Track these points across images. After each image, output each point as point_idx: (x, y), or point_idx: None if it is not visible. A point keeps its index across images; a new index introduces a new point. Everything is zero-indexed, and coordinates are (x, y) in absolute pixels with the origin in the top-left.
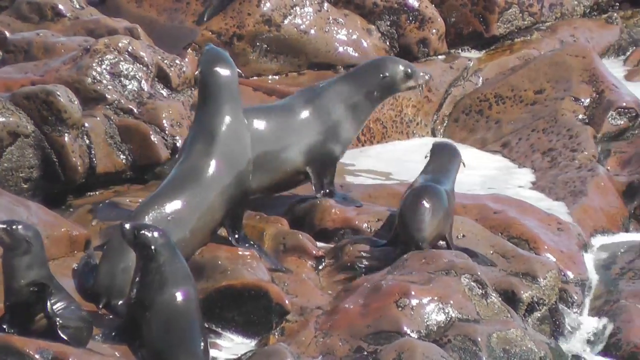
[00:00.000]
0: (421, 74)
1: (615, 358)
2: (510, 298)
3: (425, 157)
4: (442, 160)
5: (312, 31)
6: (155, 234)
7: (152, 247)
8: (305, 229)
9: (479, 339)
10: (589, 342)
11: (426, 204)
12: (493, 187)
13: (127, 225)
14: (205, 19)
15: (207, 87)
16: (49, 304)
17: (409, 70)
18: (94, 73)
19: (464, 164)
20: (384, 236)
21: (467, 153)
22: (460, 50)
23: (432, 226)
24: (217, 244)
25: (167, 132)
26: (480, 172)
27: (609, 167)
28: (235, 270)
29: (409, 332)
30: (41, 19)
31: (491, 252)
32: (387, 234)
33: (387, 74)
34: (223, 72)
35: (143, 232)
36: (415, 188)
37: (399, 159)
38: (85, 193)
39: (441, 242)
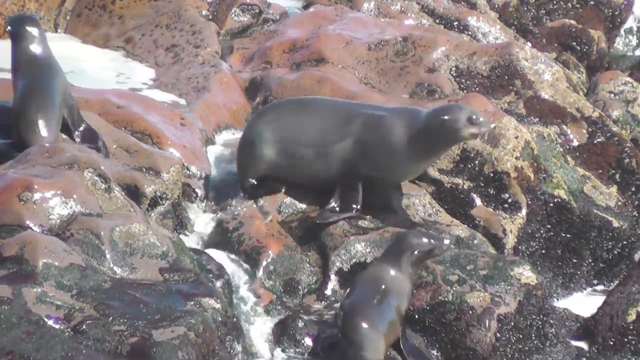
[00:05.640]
0: (485, 121)
1: (236, 253)
2: (133, 192)
3: None
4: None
5: None
6: None
7: None
8: None
9: (102, 233)
10: (210, 236)
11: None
12: (117, 83)
13: None
14: None
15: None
16: None
17: (473, 117)
18: None
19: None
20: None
21: (89, 50)
22: None
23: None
24: None
25: None
26: (103, 67)
27: (231, 64)
28: None
29: (31, 225)
30: None
31: (115, 146)
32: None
33: (447, 117)
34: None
35: None
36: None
37: None
38: None
39: None
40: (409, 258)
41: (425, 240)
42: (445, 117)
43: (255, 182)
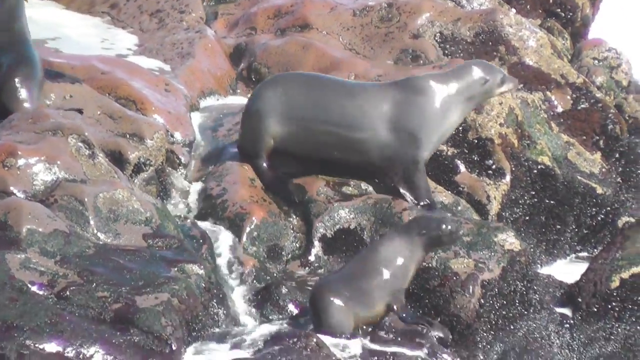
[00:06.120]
0: (507, 77)
1: (220, 219)
2: (117, 159)
3: None
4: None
5: None
6: None
7: None
8: None
9: (86, 199)
10: (193, 202)
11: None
12: (102, 49)
13: None
14: None
15: None
16: None
17: (502, 76)
18: None
19: None
20: None
21: (71, 16)
22: None
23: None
24: None
25: None
26: (87, 33)
27: (216, 30)
28: None
29: (15, 191)
30: None
31: (99, 112)
32: None
33: (488, 79)
34: None
35: None
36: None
37: None
38: None
39: None
40: (417, 238)
41: (434, 224)
42: (487, 79)
43: (267, 163)
